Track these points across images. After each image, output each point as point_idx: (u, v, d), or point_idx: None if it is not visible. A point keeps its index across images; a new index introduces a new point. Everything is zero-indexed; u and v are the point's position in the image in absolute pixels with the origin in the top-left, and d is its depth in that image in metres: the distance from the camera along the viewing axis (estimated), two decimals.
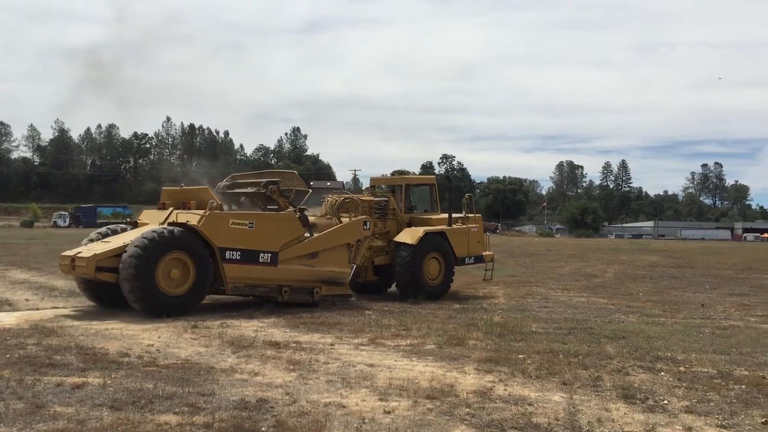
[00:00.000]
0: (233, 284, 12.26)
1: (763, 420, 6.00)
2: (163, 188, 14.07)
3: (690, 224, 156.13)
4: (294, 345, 9.08)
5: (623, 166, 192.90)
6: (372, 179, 17.84)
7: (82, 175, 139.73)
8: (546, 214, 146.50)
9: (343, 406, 6.19)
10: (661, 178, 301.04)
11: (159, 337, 9.46)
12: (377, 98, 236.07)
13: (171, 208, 12.95)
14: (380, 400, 6.44)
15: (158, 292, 11.28)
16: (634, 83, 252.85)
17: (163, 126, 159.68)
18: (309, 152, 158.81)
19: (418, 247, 14.86)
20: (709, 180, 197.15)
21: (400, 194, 16.24)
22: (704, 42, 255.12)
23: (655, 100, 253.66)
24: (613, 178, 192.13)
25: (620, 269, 27.48)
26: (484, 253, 16.61)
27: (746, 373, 7.90)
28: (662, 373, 7.81)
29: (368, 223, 14.45)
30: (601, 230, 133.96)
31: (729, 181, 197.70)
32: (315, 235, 13.42)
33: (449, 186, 19.78)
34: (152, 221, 12.83)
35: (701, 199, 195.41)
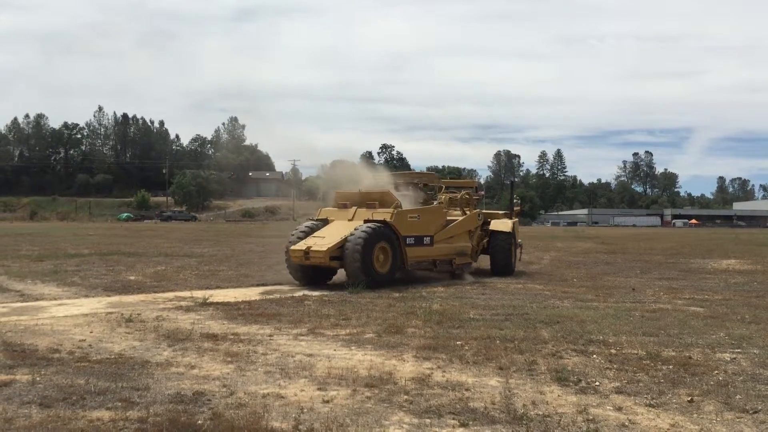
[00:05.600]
0: (410, 262, 15.86)
1: (689, 398, 6.23)
2: (337, 192, 17.23)
3: (622, 211, 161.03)
4: (232, 337, 8.98)
5: (558, 155, 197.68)
6: (443, 181, 21.71)
7: (9, 167, 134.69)
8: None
9: (282, 397, 6.15)
10: (594, 166, 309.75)
11: (91, 332, 9.21)
12: (313, 88, 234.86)
13: (354, 207, 16.20)
14: (319, 389, 6.42)
15: (374, 271, 14.64)
16: (564, 74, 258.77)
17: (95, 116, 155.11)
18: (247, 142, 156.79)
19: (512, 234, 18.59)
20: (640, 168, 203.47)
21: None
22: (631, 34, 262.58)
23: (585, 90, 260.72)
24: (548, 167, 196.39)
25: (556, 256, 28.08)
26: (519, 240, 20.41)
27: (674, 354, 8.17)
28: (594, 356, 8.02)
29: (481, 214, 18.79)
30: (538, 218, 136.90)
31: (659, 170, 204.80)
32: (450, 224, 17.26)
33: (512, 187, 23.10)
34: (339, 218, 16.12)
35: (632, 186, 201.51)
